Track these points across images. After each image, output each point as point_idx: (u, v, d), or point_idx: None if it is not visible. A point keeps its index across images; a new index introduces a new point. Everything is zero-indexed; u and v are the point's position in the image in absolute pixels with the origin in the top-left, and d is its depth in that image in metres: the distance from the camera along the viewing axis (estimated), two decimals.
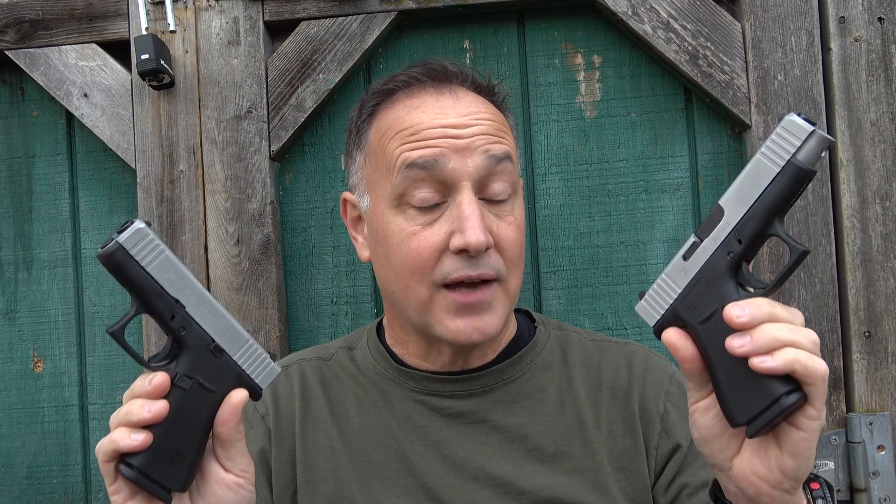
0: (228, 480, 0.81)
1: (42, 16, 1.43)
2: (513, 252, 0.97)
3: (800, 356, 0.66)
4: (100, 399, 1.47)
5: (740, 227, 0.70)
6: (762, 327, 0.67)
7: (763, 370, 0.66)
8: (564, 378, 1.06)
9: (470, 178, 0.94)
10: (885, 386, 1.29)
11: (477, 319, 0.95)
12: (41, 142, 1.50)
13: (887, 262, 1.30)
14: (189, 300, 0.78)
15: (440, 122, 0.96)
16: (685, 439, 1.00)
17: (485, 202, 0.96)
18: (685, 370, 0.75)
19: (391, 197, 0.97)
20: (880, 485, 1.27)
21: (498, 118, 1.01)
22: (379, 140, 1.01)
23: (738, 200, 0.70)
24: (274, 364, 0.82)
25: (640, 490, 0.99)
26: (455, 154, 0.94)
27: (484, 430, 1.02)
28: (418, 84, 1.01)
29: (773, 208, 0.68)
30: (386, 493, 1.00)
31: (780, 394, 0.66)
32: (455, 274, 0.93)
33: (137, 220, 0.76)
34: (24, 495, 1.47)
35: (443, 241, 0.94)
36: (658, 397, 1.03)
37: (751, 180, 0.69)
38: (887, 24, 1.31)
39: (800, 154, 0.66)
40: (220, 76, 1.39)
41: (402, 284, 0.97)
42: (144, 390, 0.76)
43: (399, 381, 1.06)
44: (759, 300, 0.69)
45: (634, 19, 1.35)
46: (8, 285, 1.50)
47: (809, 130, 0.66)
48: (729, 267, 0.71)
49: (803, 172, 0.67)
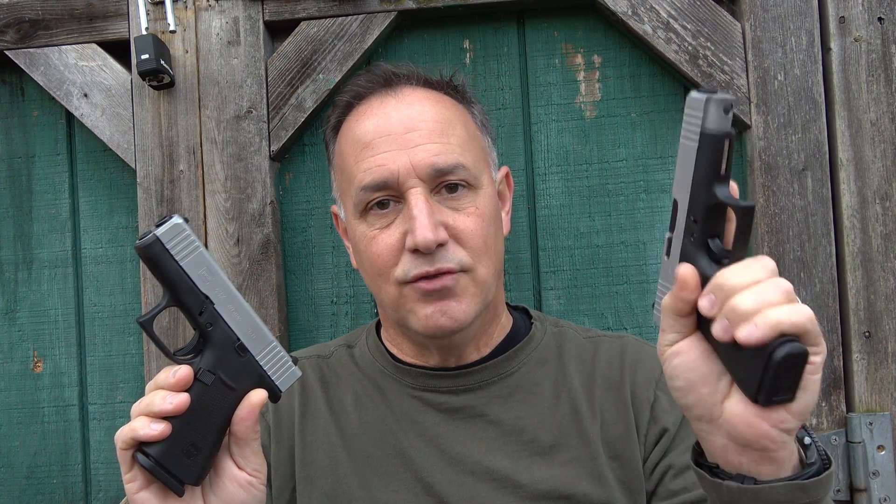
0: (241, 478, 0.81)
1: (42, 16, 1.43)
2: (475, 242, 0.97)
3: (780, 314, 0.64)
4: (100, 399, 1.47)
5: (691, 209, 0.71)
6: (731, 305, 0.65)
7: (752, 344, 0.64)
8: (560, 371, 1.07)
9: (419, 178, 0.96)
10: (885, 386, 1.29)
11: (443, 304, 0.96)
12: (41, 142, 1.50)
13: (887, 262, 1.30)
14: (218, 297, 0.79)
15: (383, 128, 0.98)
16: (673, 423, 1.01)
17: (441, 196, 0.98)
18: (670, 306, 0.71)
19: (353, 208, 1.01)
20: (880, 485, 1.27)
21: (446, 115, 1.01)
22: (339, 154, 1.05)
23: (681, 186, 0.72)
24: (295, 367, 0.84)
25: (633, 477, 1.00)
26: (401, 156, 0.96)
27: (481, 424, 1.03)
28: (368, 92, 1.04)
29: (707, 179, 0.69)
30: (384, 489, 1.01)
31: (771, 350, 0.65)
32: (414, 271, 0.95)
33: (175, 216, 0.77)
34: (24, 495, 1.47)
35: (398, 241, 0.96)
36: (649, 385, 1.04)
37: (683, 164, 0.71)
38: (887, 24, 1.31)
39: (707, 123, 0.68)
40: (220, 76, 1.39)
41: (376, 286, 1.01)
42: (168, 382, 0.77)
43: (396, 377, 1.07)
44: (724, 275, 0.67)
45: (634, 19, 1.35)
46: (8, 285, 1.50)
47: (704, 99, 0.68)
48: (697, 248, 0.71)
49: (716, 137, 0.68)
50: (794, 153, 1.32)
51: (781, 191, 1.32)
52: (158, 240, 0.76)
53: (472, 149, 1.02)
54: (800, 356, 0.66)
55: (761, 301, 0.65)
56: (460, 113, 1.04)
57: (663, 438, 1.01)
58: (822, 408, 1.30)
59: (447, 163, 0.97)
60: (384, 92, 1.03)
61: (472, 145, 1.02)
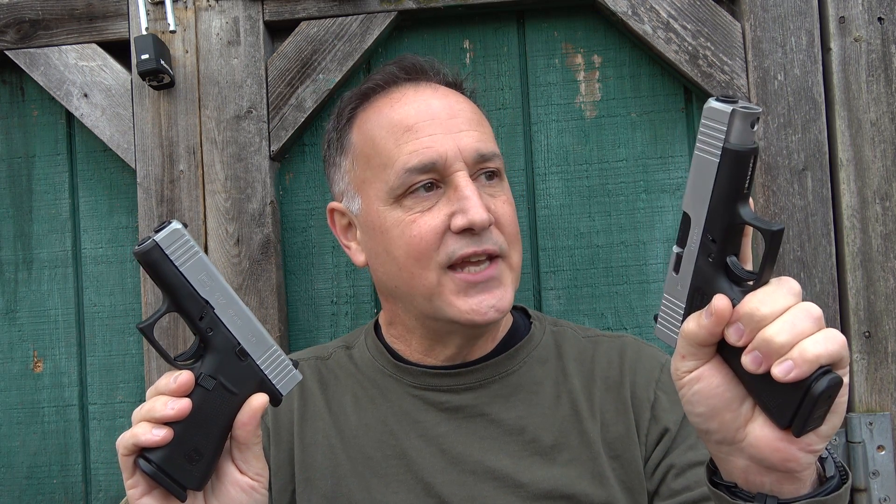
0: (243, 483, 0.82)
1: (42, 16, 1.43)
2: (511, 228, 1.01)
3: (817, 349, 0.62)
4: (100, 399, 1.47)
5: (708, 228, 0.67)
6: (764, 338, 0.63)
7: (791, 381, 0.62)
8: (560, 371, 1.07)
9: (464, 162, 0.97)
10: (885, 386, 1.29)
11: (490, 296, 0.97)
12: (41, 142, 1.50)
13: (887, 262, 1.30)
14: (218, 302, 0.79)
15: (426, 112, 0.99)
16: (674, 423, 1.01)
17: (479, 183, 1.00)
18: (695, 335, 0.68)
19: (386, 194, 0.99)
20: (880, 485, 1.27)
21: (475, 108, 1.06)
22: (366, 140, 1.03)
23: (696, 201, 0.68)
24: (296, 371, 0.84)
25: (634, 477, 1.00)
26: (447, 140, 0.97)
27: (482, 423, 1.03)
28: (395, 82, 1.05)
29: (730, 198, 0.65)
30: (384, 490, 1.01)
31: (809, 383, 0.62)
32: (461, 251, 0.95)
33: (174, 221, 0.77)
34: (24, 495, 1.47)
35: (443, 223, 0.96)
36: (649, 385, 1.04)
37: (700, 178, 0.67)
38: (887, 24, 1.31)
39: (731, 137, 0.64)
40: (220, 76, 1.39)
41: (408, 274, 0.98)
42: (169, 388, 0.77)
43: (397, 377, 1.07)
44: (752, 303, 0.65)
45: (634, 19, 1.35)
46: (8, 285, 1.50)
47: (729, 111, 0.63)
48: (715, 269, 0.68)
49: (742, 154, 0.64)
50: (794, 153, 1.32)
51: (781, 191, 1.32)
52: (157, 245, 0.76)
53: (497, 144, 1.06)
54: (838, 387, 0.63)
55: (796, 333, 0.62)
56: (479, 112, 1.08)
57: (664, 438, 1.00)
58: None
59: (488, 149, 1.00)
60: (415, 81, 1.05)
61: None
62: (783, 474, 0.68)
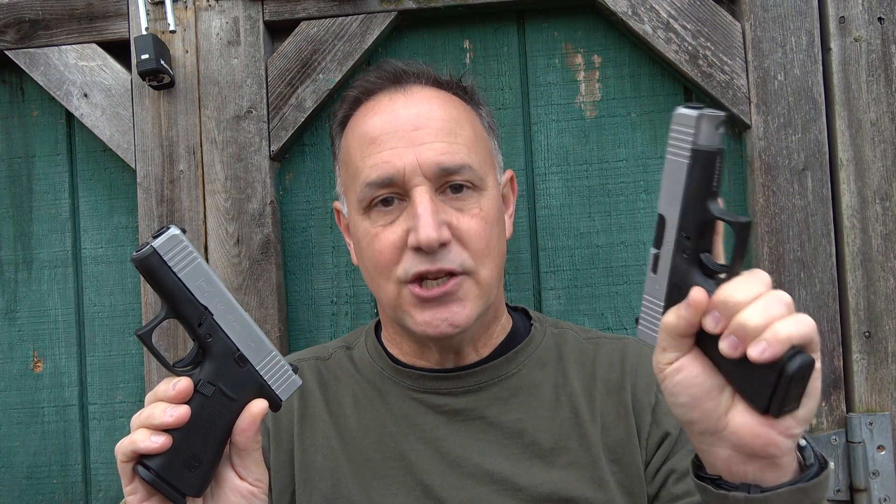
0: (242, 489, 0.81)
1: (42, 16, 1.43)
2: (477, 244, 0.97)
3: (788, 329, 0.65)
4: (100, 399, 1.47)
5: (682, 226, 0.71)
6: (739, 322, 0.66)
7: (766, 361, 0.65)
8: (560, 374, 1.06)
9: (424, 176, 0.95)
10: (885, 386, 1.29)
11: (444, 310, 0.95)
12: (41, 142, 1.50)
13: (887, 262, 1.30)
14: (217, 308, 0.79)
15: (390, 124, 0.97)
16: (675, 427, 1.00)
17: (446, 196, 0.97)
18: (675, 327, 0.71)
19: (357, 205, 1.00)
20: (880, 485, 1.27)
21: (454, 115, 1.01)
22: (345, 149, 1.04)
23: (670, 202, 0.72)
24: (295, 376, 0.84)
25: (634, 481, 1.00)
26: (407, 153, 0.95)
27: (481, 426, 1.02)
28: (378, 88, 1.03)
29: (700, 195, 0.70)
30: (383, 492, 1.00)
31: (783, 364, 0.65)
32: (414, 269, 0.94)
33: (173, 227, 0.77)
34: (24, 495, 1.47)
35: (401, 239, 0.95)
36: (650, 388, 1.03)
37: (672, 180, 0.71)
38: (887, 24, 1.31)
39: (699, 139, 0.68)
40: (220, 76, 1.39)
41: (375, 284, 1.00)
42: (168, 394, 0.77)
43: (396, 379, 1.06)
44: (727, 291, 0.67)
45: (634, 19, 1.35)
46: (8, 285, 1.50)
47: (696, 116, 0.68)
48: (690, 265, 0.71)
49: (709, 154, 0.68)
50: (794, 153, 1.32)
51: (781, 191, 1.32)
52: (156, 251, 0.75)
53: (479, 150, 1.01)
54: (810, 366, 0.66)
55: (768, 316, 0.65)
56: (468, 114, 1.04)
57: (665, 442, 1.00)
58: (822, 408, 1.30)
59: (453, 162, 0.96)
60: (393, 88, 1.02)
61: (478, 147, 1.01)
62: (765, 461, 0.70)
